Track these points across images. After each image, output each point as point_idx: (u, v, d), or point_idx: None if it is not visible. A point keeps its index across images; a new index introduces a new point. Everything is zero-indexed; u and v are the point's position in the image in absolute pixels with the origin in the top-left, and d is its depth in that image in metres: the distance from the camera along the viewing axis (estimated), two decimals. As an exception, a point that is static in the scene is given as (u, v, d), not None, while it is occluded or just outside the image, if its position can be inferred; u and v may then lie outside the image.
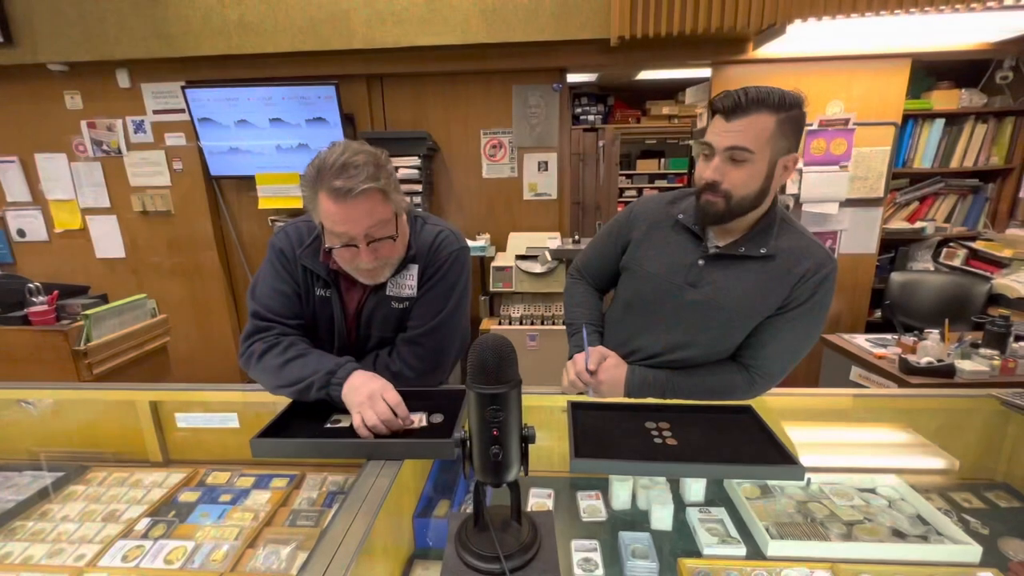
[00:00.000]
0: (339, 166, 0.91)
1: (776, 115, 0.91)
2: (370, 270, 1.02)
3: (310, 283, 1.11)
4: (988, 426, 1.10)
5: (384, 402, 0.92)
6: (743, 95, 0.90)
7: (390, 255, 1.03)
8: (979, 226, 2.97)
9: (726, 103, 0.92)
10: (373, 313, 1.11)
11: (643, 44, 2.60)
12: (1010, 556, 0.87)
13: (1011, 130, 2.84)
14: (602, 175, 4.79)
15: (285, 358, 1.03)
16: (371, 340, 1.14)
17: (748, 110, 0.90)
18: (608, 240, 1.21)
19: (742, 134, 0.92)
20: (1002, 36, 2.48)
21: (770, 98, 0.90)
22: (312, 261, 1.08)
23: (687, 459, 0.81)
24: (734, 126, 0.92)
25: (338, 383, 0.97)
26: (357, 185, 0.90)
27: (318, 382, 0.99)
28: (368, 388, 0.94)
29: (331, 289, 1.09)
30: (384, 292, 1.10)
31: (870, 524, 0.95)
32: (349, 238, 0.96)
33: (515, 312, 2.70)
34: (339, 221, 0.94)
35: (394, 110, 3.00)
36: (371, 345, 1.15)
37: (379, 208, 0.95)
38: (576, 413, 0.97)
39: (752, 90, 0.90)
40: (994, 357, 1.75)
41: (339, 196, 0.91)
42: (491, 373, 0.56)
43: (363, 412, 0.90)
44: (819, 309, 1.02)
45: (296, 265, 1.09)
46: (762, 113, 0.90)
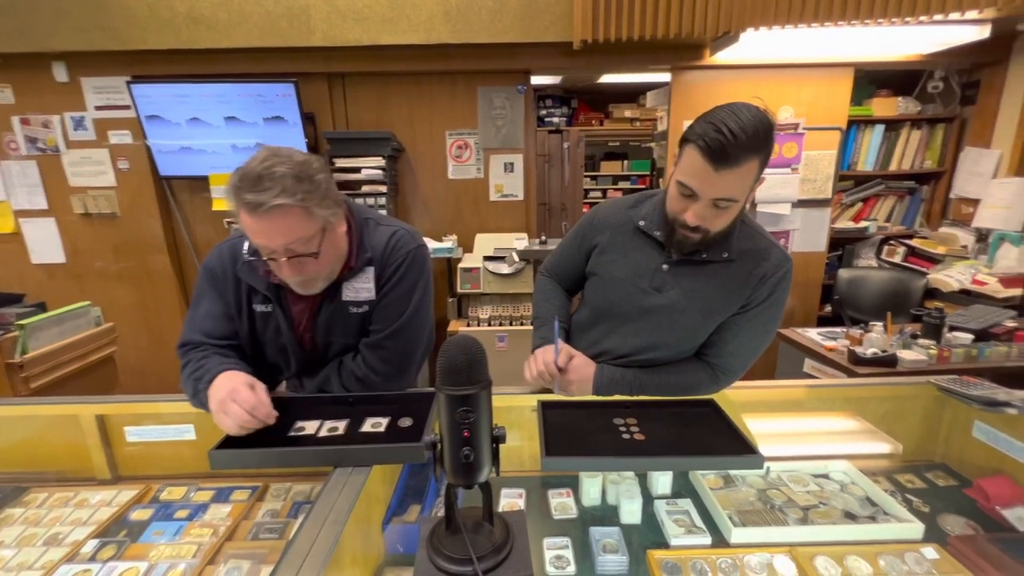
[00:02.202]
0: (254, 177, 0.85)
1: (760, 155, 0.87)
2: (300, 283, 0.99)
3: (246, 299, 1.06)
4: (927, 411, 1.18)
5: (236, 405, 0.87)
6: (732, 142, 0.82)
7: (317, 271, 0.98)
8: (916, 225, 3.19)
9: (714, 148, 0.83)
10: (331, 321, 1.07)
11: (605, 48, 2.65)
12: (948, 531, 0.94)
13: (942, 136, 3.06)
14: (567, 176, 4.85)
15: (188, 372, 1.00)
16: (332, 348, 1.11)
17: (738, 160, 0.84)
18: (573, 245, 1.22)
19: (731, 187, 0.88)
20: (933, 49, 2.67)
21: (756, 139, 0.84)
22: (251, 275, 1.04)
23: (655, 453, 0.83)
24: (723, 179, 0.86)
25: (203, 389, 0.94)
26: (269, 200, 0.84)
27: (191, 391, 0.97)
28: (219, 395, 0.90)
29: (271, 303, 1.05)
30: (340, 298, 1.06)
31: (824, 508, 1.00)
32: (269, 251, 0.92)
33: (483, 313, 2.69)
34: (256, 233, 0.90)
35: (357, 110, 2.94)
36: (333, 353, 1.12)
37: (297, 225, 0.89)
38: (546, 412, 0.97)
39: (740, 134, 0.82)
40: (931, 347, 1.88)
41: (252, 209, 0.86)
42: (461, 374, 0.55)
43: (220, 420, 0.88)
44: (777, 306, 1.06)
45: (228, 283, 1.05)
46: (750, 159, 0.85)
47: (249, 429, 0.88)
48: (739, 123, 0.83)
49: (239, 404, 0.87)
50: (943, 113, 3.03)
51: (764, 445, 0.89)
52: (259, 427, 0.89)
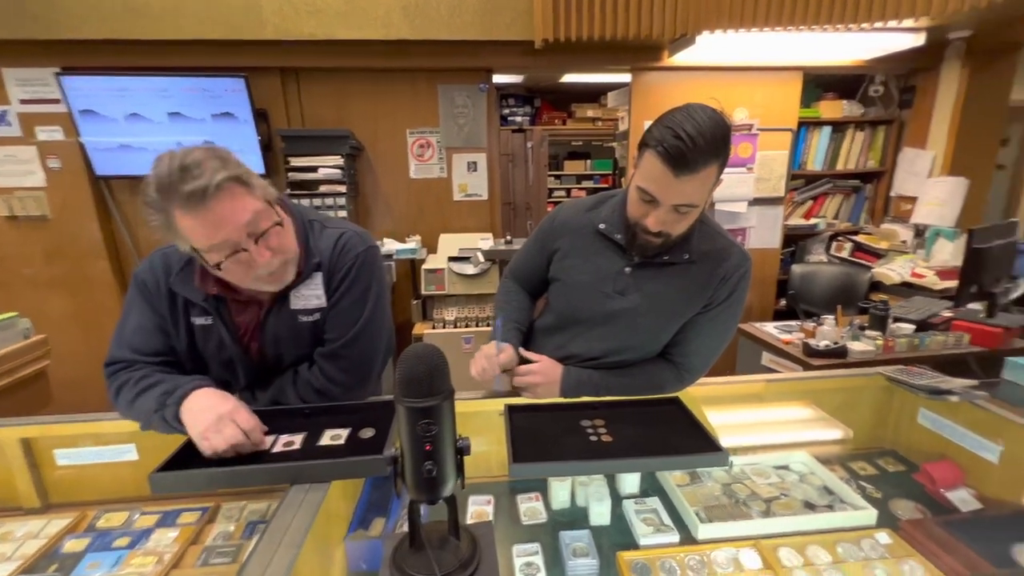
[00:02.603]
0: (178, 171, 0.77)
1: (719, 159, 0.87)
2: (273, 273, 0.92)
3: (182, 312, 0.98)
4: (877, 400, 1.24)
5: (235, 424, 0.82)
6: (691, 148, 0.82)
7: (283, 246, 0.91)
8: (861, 221, 3.36)
9: (673, 155, 0.83)
10: (280, 331, 1.01)
11: (567, 47, 2.65)
12: (900, 516, 0.98)
13: (883, 137, 3.24)
14: (531, 176, 4.85)
15: (137, 390, 0.92)
16: (284, 361, 1.05)
17: (696, 166, 0.84)
18: (534, 249, 1.21)
19: (692, 193, 0.88)
20: (873, 55, 2.82)
21: (714, 144, 0.84)
22: (186, 287, 0.96)
23: (623, 455, 0.83)
24: (683, 185, 0.86)
25: (174, 404, 0.86)
26: (211, 181, 0.78)
27: (152, 406, 0.88)
28: (216, 411, 0.83)
29: (211, 316, 0.98)
30: (288, 307, 1.00)
31: (785, 499, 1.03)
32: (232, 245, 0.83)
33: (449, 315, 2.65)
34: (211, 230, 0.81)
35: (313, 106, 2.84)
36: (287, 364, 1.06)
37: (247, 200, 0.83)
38: (513, 417, 0.96)
39: (698, 139, 0.82)
40: (877, 338, 1.98)
41: (196, 202, 0.78)
42: (421, 385, 0.52)
43: (210, 439, 0.81)
44: (737, 304, 1.08)
45: (161, 296, 0.97)
46: (710, 164, 0.85)
47: (231, 454, 0.82)
48: (697, 127, 0.82)
49: (240, 424, 0.82)
50: (883, 116, 3.21)
51: (726, 439, 0.91)
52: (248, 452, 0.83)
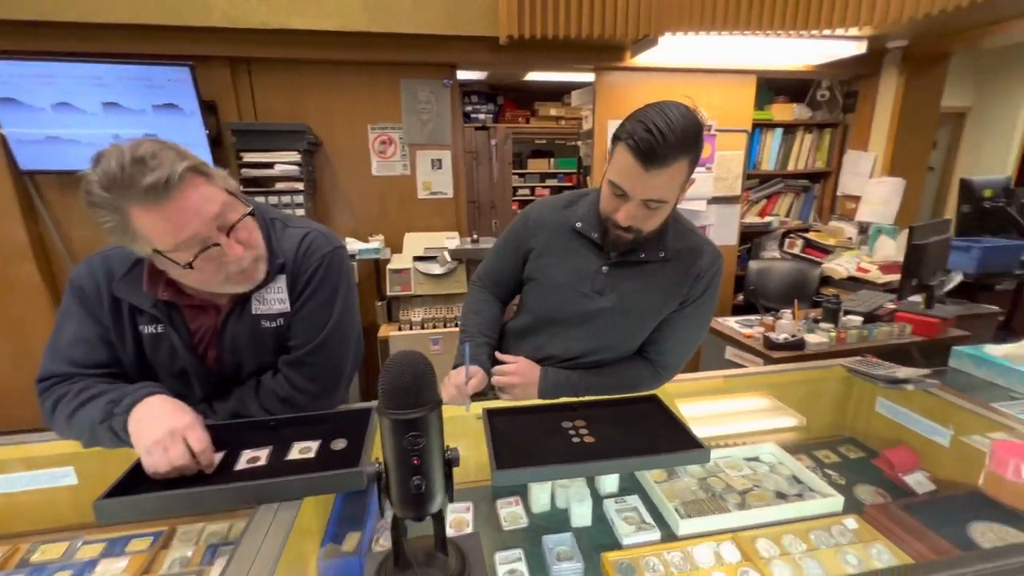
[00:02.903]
0: (131, 164, 0.70)
1: (690, 155, 0.86)
2: (244, 271, 0.85)
3: (128, 321, 0.89)
4: (837, 390, 1.29)
5: (184, 444, 0.74)
6: (661, 142, 0.81)
7: (252, 240, 0.86)
8: (811, 219, 3.54)
9: (643, 148, 0.82)
10: (239, 338, 0.93)
11: (531, 45, 2.64)
12: (863, 501, 1.03)
13: (829, 139, 3.42)
14: (496, 174, 4.83)
15: (77, 402, 0.83)
16: (244, 370, 0.97)
17: (666, 160, 0.83)
18: (508, 249, 1.18)
19: (661, 188, 0.88)
20: (820, 60, 2.97)
21: (686, 140, 0.83)
22: (132, 293, 0.87)
23: (606, 456, 0.82)
24: (653, 179, 0.86)
25: (123, 412, 0.78)
26: (172, 171, 0.71)
27: (98, 417, 0.79)
28: (168, 424, 0.75)
29: (162, 324, 0.89)
30: (249, 311, 0.92)
31: (758, 490, 1.05)
32: (202, 240, 0.77)
33: (415, 316, 2.59)
34: (178, 225, 0.74)
35: (266, 99, 2.69)
36: (247, 374, 0.98)
37: (212, 190, 0.78)
38: (493, 421, 0.93)
39: (668, 134, 0.81)
40: (831, 330, 2.08)
41: (158, 196, 0.71)
42: (407, 395, 0.49)
43: (154, 455, 0.73)
44: (711, 301, 1.10)
45: (103, 304, 0.88)
46: (679, 159, 0.85)
47: (172, 475, 0.75)
48: (668, 123, 0.82)
49: (191, 444, 0.75)
50: (829, 119, 3.40)
51: (700, 433, 0.92)
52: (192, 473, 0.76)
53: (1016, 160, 4.43)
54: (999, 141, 4.47)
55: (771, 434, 1.30)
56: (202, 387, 0.94)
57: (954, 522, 0.90)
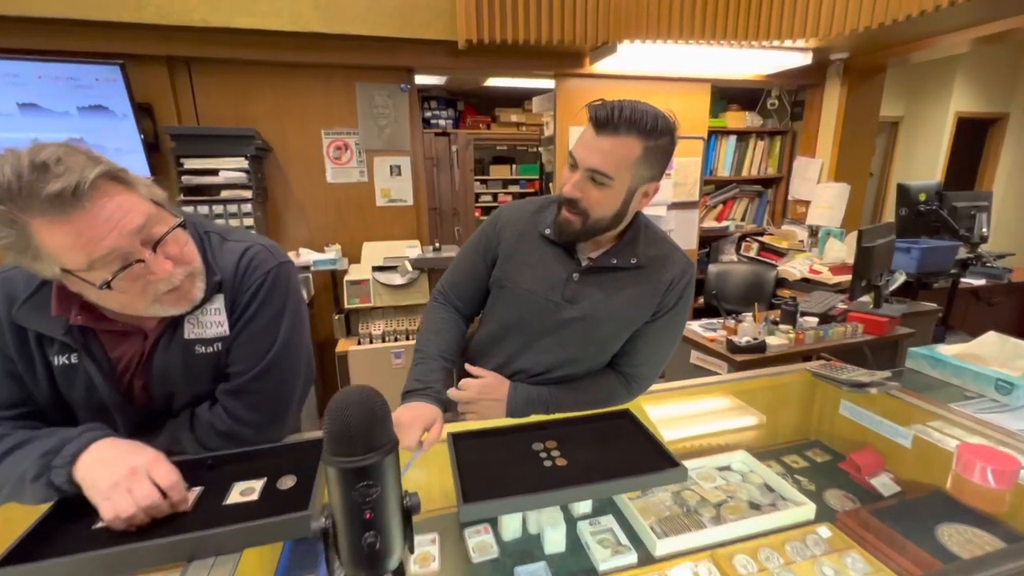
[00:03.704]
0: (30, 170, 0.61)
1: (645, 141, 0.86)
2: (176, 289, 0.75)
3: (36, 351, 0.78)
4: (802, 394, 1.30)
5: (151, 483, 0.67)
6: (617, 112, 0.84)
7: (185, 255, 0.76)
8: (764, 223, 3.66)
9: (600, 114, 0.86)
10: (170, 367, 0.83)
11: (491, 50, 2.61)
12: (833, 507, 1.03)
13: (779, 146, 3.55)
14: (457, 180, 4.76)
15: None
16: (176, 402, 0.87)
17: (618, 129, 0.85)
18: (475, 255, 1.11)
19: (607, 156, 0.87)
20: (770, 70, 3.08)
21: (643, 122, 0.84)
22: (38, 319, 0.76)
23: (580, 480, 0.77)
24: (602, 144, 0.87)
25: (63, 464, 0.68)
26: (84, 177, 0.62)
27: (31, 472, 0.69)
28: (127, 462, 0.68)
29: (76, 353, 0.78)
30: (181, 336, 0.82)
31: (732, 502, 1.03)
32: (123, 256, 0.68)
33: (376, 329, 2.48)
34: (91, 240, 0.64)
35: (209, 102, 2.53)
36: (180, 405, 0.87)
37: (132, 199, 0.69)
38: (458, 446, 0.86)
39: (628, 108, 0.84)
40: (789, 331, 2.13)
41: (65, 206, 0.62)
42: (357, 441, 0.42)
43: (116, 499, 0.64)
44: (684, 312, 1.08)
45: (4, 333, 0.77)
46: (631, 136, 0.85)
47: (142, 519, 0.65)
48: (632, 104, 0.85)
49: (157, 480, 0.66)
50: (779, 127, 3.53)
51: (672, 446, 0.89)
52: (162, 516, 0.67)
53: (944, 166, 4.77)
54: (929, 148, 4.79)
55: (735, 433, 1.30)
56: (127, 423, 0.83)
57: (922, 525, 0.91)
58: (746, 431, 1.33)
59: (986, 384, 1.12)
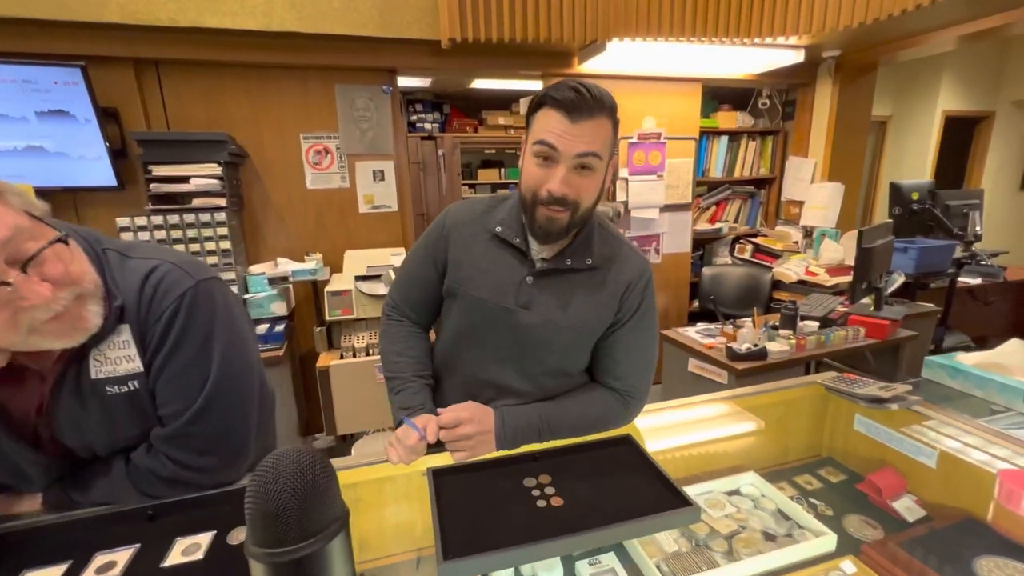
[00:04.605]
0: None
1: (611, 118, 0.85)
2: (58, 316, 0.63)
3: None
4: (813, 408, 1.21)
5: None
6: (588, 96, 0.81)
7: (72, 275, 0.64)
8: (757, 224, 3.60)
9: (568, 98, 0.80)
10: (79, 414, 0.71)
11: (475, 49, 2.52)
12: (852, 534, 0.94)
13: (771, 146, 3.50)
14: (444, 185, 4.66)
15: None
16: (100, 450, 0.75)
17: (593, 111, 0.81)
18: (425, 262, 1.02)
19: (592, 140, 0.82)
20: (761, 69, 3.03)
21: (606, 100, 0.83)
22: None
23: (580, 524, 0.67)
24: (583, 130, 0.81)
25: None
26: None
27: None
28: None
29: None
30: (87, 376, 0.70)
31: (745, 533, 0.94)
32: None
33: (359, 342, 2.36)
34: None
35: (179, 106, 2.40)
36: (106, 450, 0.75)
37: None
38: (439, 486, 0.75)
39: (594, 91, 0.82)
40: (790, 336, 2.05)
41: None
42: (290, 524, 0.32)
43: None
44: (652, 312, 1.01)
45: None
46: (603, 115, 0.83)
47: None
48: (585, 85, 0.82)
49: None
50: (771, 127, 3.48)
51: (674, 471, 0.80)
52: None
53: (932, 164, 4.77)
54: (918, 147, 4.79)
55: (741, 450, 1.21)
56: (44, 476, 0.71)
57: (958, 558, 0.82)
58: (753, 448, 1.24)
59: (1014, 397, 1.04)
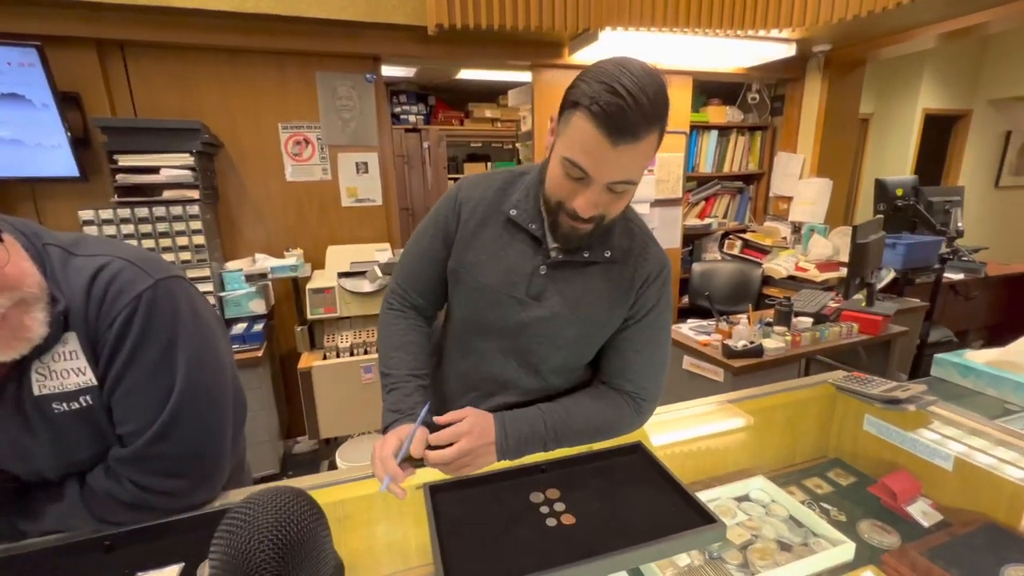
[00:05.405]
0: None
1: (662, 125, 0.71)
2: None
3: None
4: (821, 408, 1.17)
5: None
6: (634, 109, 0.65)
7: (5, 279, 0.56)
8: (746, 220, 3.59)
9: (612, 116, 0.65)
10: (22, 436, 0.62)
11: (463, 37, 2.43)
12: (872, 543, 0.90)
13: (760, 141, 3.49)
14: (430, 179, 4.55)
15: None
16: (50, 474, 0.66)
17: (639, 132, 0.67)
18: (433, 240, 0.93)
19: (631, 167, 0.71)
20: (753, 63, 3.00)
21: (657, 105, 0.68)
22: None
23: (594, 547, 0.60)
24: (621, 157, 0.69)
25: None
26: None
27: None
28: None
29: None
30: (29, 391, 0.61)
31: (759, 542, 0.89)
32: None
33: (343, 341, 2.26)
34: None
35: (148, 91, 2.26)
36: (59, 479, 0.66)
37: None
38: (437, 503, 0.68)
39: (640, 96, 0.66)
40: (785, 333, 2.02)
41: None
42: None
43: None
44: (667, 310, 0.94)
45: None
46: (652, 131, 0.69)
47: None
48: (636, 83, 0.66)
49: None
50: (760, 122, 3.46)
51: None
52: None
53: (913, 161, 4.84)
54: (899, 144, 4.86)
55: (747, 453, 1.16)
56: None
57: (983, 568, 0.79)
58: (759, 450, 1.20)
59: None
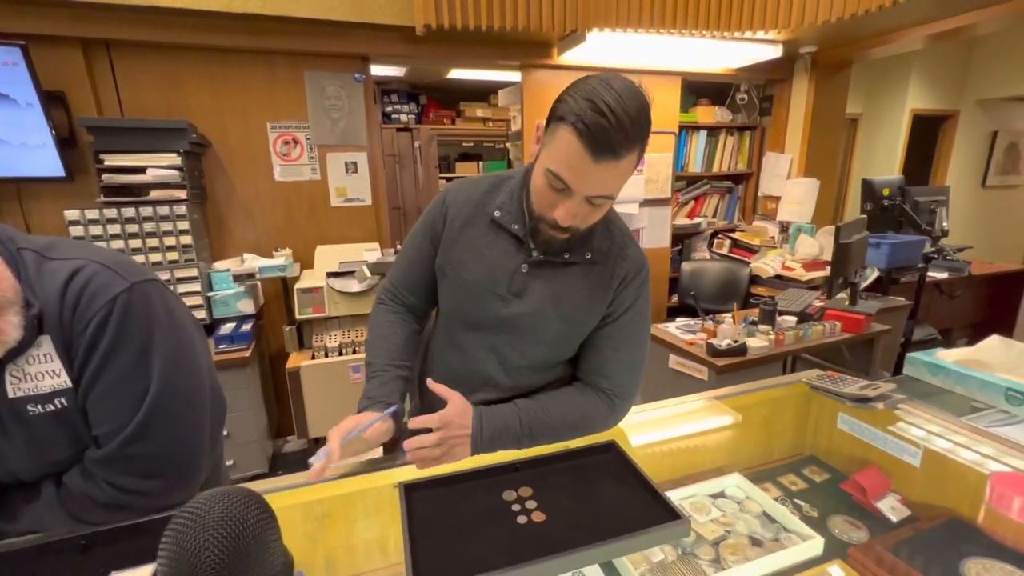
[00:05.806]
0: None
1: (642, 144, 0.74)
2: None
3: None
4: (797, 407, 1.19)
5: None
6: (616, 127, 0.68)
7: None
8: (735, 219, 3.62)
9: (595, 134, 0.69)
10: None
11: (452, 38, 2.43)
12: (841, 537, 0.92)
13: (749, 141, 3.52)
14: (421, 178, 4.55)
15: None
16: (24, 475, 0.67)
17: (620, 150, 0.70)
18: (423, 240, 0.97)
19: (611, 182, 0.75)
20: (741, 64, 3.02)
21: (639, 125, 0.71)
22: None
23: (563, 543, 0.62)
24: (602, 172, 0.72)
25: None
26: None
27: None
28: None
29: None
30: (3, 394, 0.63)
31: (732, 538, 0.91)
32: None
33: (331, 341, 2.26)
34: None
35: (134, 91, 2.25)
36: (31, 476, 0.68)
37: None
38: (412, 502, 0.70)
39: (624, 117, 0.68)
40: (769, 332, 2.05)
41: None
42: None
43: None
44: (645, 309, 0.97)
45: None
46: (632, 149, 0.73)
47: None
48: (620, 103, 0.69)
49: None
50: (748, 122, 3.49)
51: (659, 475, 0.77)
52: None
53: (901, 161, 4.89)
54: (887, 145, 4.90)
55: (724, 450, 1.19)
56: None
57: (945, 561, 0.81)
58: (737, 448, 1.22)
59: (995, 394, 1.04)
